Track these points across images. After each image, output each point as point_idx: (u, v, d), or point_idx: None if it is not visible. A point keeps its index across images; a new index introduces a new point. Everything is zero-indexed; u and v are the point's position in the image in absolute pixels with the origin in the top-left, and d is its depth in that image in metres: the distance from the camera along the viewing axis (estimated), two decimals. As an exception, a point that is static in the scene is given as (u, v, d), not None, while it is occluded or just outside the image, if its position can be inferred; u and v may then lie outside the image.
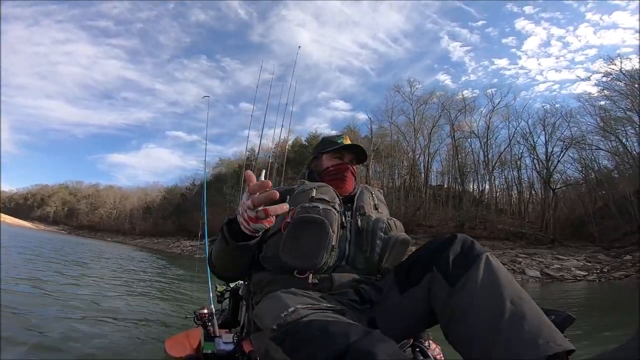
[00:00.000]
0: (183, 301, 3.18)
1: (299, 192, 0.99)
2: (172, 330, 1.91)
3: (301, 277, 0.87)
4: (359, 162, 1.20)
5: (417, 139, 24.22)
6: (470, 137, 24.00)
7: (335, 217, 0.91)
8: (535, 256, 12.96)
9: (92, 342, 1.56)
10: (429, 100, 24.07)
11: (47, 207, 63.64)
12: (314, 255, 0.86)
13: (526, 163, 23.25)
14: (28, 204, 66.66)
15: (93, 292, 3.14)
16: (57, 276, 3.86)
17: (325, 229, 0.87)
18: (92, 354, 1.43)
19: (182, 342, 1.28)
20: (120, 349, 1.54)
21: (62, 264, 5.44)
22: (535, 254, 13.43)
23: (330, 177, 1.11)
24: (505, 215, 21.21)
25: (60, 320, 1.89)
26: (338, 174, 1.10)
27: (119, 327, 1.91)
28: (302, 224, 0.88)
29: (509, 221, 19.77)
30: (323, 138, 1.25)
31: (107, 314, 2.19)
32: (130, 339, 1.71)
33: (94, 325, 1.86)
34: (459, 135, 24.05)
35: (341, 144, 1.14)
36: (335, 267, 0.91)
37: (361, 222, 0.96)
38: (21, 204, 66.48)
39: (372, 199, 1.05)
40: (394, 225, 0.97)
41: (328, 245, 0.87)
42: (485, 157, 23.17)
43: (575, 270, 10.81)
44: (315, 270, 0.87)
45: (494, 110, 23.53)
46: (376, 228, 0.94)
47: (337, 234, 0.90)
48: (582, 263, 12.36)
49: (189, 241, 31.15)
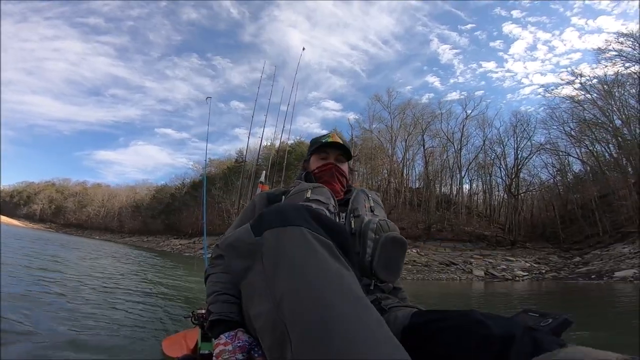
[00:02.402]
0: (180, 301, 3.16)
1: (294, 193, 0.99)
2: (169, 330, 1.87)
3: None
4: (348, 158, 1.19)
5: (395, 145, 25.86)
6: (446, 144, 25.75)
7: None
8: (489, 257, 14.56)
9: (85, 341, 1.53)
10: (406, 109, 25.69)
11: (33, 204, 63.15)
12: None
13: (497, 168, 25.18)
14: (14, 201, 65.90)
15: (86, 289, 3.08)
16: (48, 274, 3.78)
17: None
18: (86, 354, 1.39)
19: (179, 342, 1.26)
20: (116, 349, 1.50)
21: (54, 262, 5.40)
22: (489, 255, 15.04)
23: (319, 178, 1.12)
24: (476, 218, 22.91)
25: (52, 319, 1.84)
26: (324, 175, 1.11)
27: (114, 326, 1.86)
28: None
29: (477, 224, 21.45)
30: (312, 139, 1.25)
31: (103, 312, 2.16)
32: (127, 338, 1.66)
33: (87, 324, 1.82)
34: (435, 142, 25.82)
35: (325, 142, 1.15)
36: None
37: (355, 224, 0.96)
38: (7, 202, 65.65)
39: (367, 202, 1.05)
40: (387, 226, 0.94)
41: None
42: (458, 162, 24.94)
43: (518, 270, 12.39)
44: None
45: (467, 118, 25.31)
46: (367, 229, 0.92)
47: None
48: (530, 264, 13.99)
49: (178, 240, 32.15)
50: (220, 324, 0.80)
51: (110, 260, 7.78)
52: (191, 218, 32.74)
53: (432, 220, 18.78)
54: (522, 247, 18.28)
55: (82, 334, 1.63)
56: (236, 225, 1.01)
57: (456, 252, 15.59)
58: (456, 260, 13.49)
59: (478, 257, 14.57)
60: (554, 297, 6.47)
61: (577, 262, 13.81)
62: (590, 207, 18.43)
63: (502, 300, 5.78)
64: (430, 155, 24.96)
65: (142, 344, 1.57)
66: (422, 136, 24.29)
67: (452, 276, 11.58)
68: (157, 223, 40.10)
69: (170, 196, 41.68)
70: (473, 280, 11.09)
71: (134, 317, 2.15)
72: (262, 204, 1.03)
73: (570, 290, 7.73)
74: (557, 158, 23.03)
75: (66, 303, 2.34)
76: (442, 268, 11.97)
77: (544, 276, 11.51)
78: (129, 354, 1.44)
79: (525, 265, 13.64)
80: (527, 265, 13.71)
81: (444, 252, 15.20)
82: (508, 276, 11.59)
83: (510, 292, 7.45)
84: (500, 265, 13.23)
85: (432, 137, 25.86)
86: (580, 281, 9.82)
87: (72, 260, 6.25)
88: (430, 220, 18.73)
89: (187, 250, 25.41)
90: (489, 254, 15.41)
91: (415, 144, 25.70)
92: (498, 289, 8.38)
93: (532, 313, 0.66)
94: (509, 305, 5.18)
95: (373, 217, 0.98)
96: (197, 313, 1.17)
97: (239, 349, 0.71)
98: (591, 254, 14.42)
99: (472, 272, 11.97)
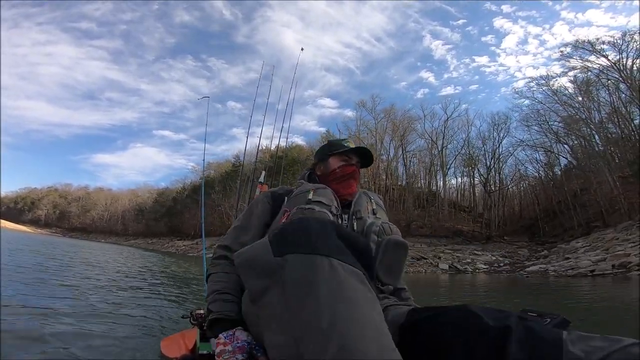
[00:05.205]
0: (179, 301, 3.16)
1: (297, 194, 1.00)
2: (168, 330, 1.88)
3: None
4: (363, 165, 1.21)
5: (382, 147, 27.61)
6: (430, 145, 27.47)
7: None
8: (459, 252, 16.34)
9: (83, 341, 1.51)
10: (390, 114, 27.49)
11: (38, 210, 64.91)
12: None
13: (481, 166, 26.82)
14: (18, 207, 67.52)
15: (85, 289, 3.10)
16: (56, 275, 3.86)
17: None
18: (83, 354, 1.36)
19: (177, 342, 1.25)
20: (113, 349, 1.48)
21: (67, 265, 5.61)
22: (459, 250, 16.82)
23: (337, 179, 1.12)
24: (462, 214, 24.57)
25: (53, 319, 1.86)
26: (345, 176, 1.12)
27: (112, 326, 1.87)
28: None
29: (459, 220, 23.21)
30: (329, 141, 1.27)
31: (101, 312, 2.18)
32: (125, 338, 1.65)
33: (85, 323, 1.83)
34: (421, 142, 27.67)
35: (349, 146, 1.15)
36: None
37: (357, 226, 0.97)
38: (11, 208, 67.29)
39: (370, 204, 1.05)
40: (389, 229, 0.95)
41: None
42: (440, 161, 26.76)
43: (480, 264, 14.14)
44: None
45: (447, 120, 27.04)
46: (369, 231, 0.93)
47: None
48: (495, 258, 15.70)
49: (182, 241, 33.84)
50: (219, 322, 0.83)
51: (115, 261, 7.97)
52: (193, 220, 34.36)
53: (411, 218, 20.59)
54: (498, 242, 19.79)
55: (77, 333, 1.64)
56: (239, 225, 1.05)
57: (430, 248, 17.36)
58: (427, 254, 15.18)
59: (449, 252, 16.33)
60: (486, 288, 7.75)
61: (538, 256, 15.40)
62: (572, 202, 19.26)
63: (446, 291, 6.99)
64: (414, 156, 26.87)
65: (140, 344, 1.58)
66: (402, 140, 26.14)
67: (419, 269, 13.19)
68: (161, 225, 41.88)
69: (172, 199, 43.35)
70: (437, 272, 12.85)
71: (133, 316, 2.17)
72: (266, 203, 1.06)
73: (504, 281, 9.42)
74: (543, 153, 24.05)
75: (68, 303, 2.38)
76: (411, 262, 13.62)
77: (500, 269, 13.28)
78: (127, 354, 1.45)
79: (490, 259, 15.35)
80: (492, 259, 15.42)
81: (420, 247, 16.89)
82: (469, 269, 13.36)
83: (459, 283, 8.75)
84: (466, 259, 14.99)
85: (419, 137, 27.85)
86: (516, 274, 11.52)
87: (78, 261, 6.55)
88: (409, 218, 20.53)
89: (191, 250, 26.91)
90: (459, 249, 17.18)
91: (399, 146, 27.53)
92: (453, 281, 9.72)
93: (531, 313, 0.66)
94: (455, 294, 6.16)
95: (375, 219, 0.99)
96: (196, 313, 1.20)
97: (239, 350, 0.72)
98: (557, 247, 15.58)
99: (437, 266, 13.74)
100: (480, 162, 26.13)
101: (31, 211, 65.63)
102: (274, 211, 1.04)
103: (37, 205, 65.83)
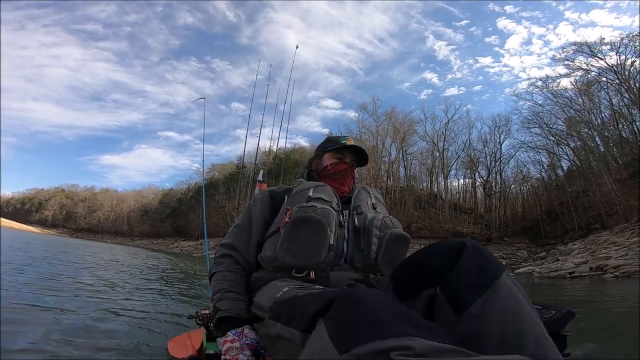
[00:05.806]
0: (185, 301, 3.17)
1: (297, 192, 1.01)
2: (175, 331, 1.86)
3: (299, 276, 0.87)
4: (360, 164, 1.21)
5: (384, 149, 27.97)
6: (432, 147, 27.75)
7: (333, 216, 0.93)
8: (457, 253, 16.44)
9: (90, 341, 1.51)
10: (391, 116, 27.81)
11: (45, 210, 65.67)
12: (313, 254, 0.87)
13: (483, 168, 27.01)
14: (25, 208, 68.38)
15: (94, 289, 3.13)
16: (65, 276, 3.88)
17: (323, 228, 0.88)
18: (91, 354, 1.37)
19: (184, 342, 1.26)
20: (121, 349, 1.47)
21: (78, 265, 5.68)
22: (458, 251, 16.90)
23: (329, 176, 1.13)
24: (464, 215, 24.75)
25: (59, 319, 1.85)
26: (336, 174, 1.12)
27: (120, 326, 1.86)
28: (300, 223, 0.89)
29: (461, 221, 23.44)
30: (327, 137, 1.26)
31: (107, 313, 2.19)
32: (132, 339, 1.63)
33: (93, 324, 1.82)
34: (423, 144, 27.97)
35: (344, 144, 1.15)
36: (334, 265, 0.92)
37: (358, 221, 0.97)
38: (19, 208, 68.21)
39: (369, 198, 1.07)
40: (391, 222, 0.97)
41: (326, 244, 0.88)
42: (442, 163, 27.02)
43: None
44: (314, 269, 0.88)
45: (448, 122, 27.30)
46: (372, 226, 0.95)
47: (335, 233, 0.92)
48: (493, 258, 15.81)
49: (187, 242, 34.36)
50: (227, 321, 0.84)
51: (121, 262, 8.15)
52: (198, 221, 34.56)
53: (411, 220, 20.93)
54: (498, 243, 19.92)
55: (85, 333, 1.65)
56: (239, 223, 1.07)
57: (430, 249, 17.48)
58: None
59: (446, 253, 16.46)
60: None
61: (536, 257, 15.54)
62: (574, 204, 19.34)
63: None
64: (415, 158, 27.20)
65: (147, 345, 1.58)
66: (402, 143, 26.47)
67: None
68: (166, 226, 42.37)
69: (177, 200, 43.85)
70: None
71: (140, 317, 2.17)
72: (265, 202, 1.07)
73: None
74: (545, 154, 24.05)
75: (75, 301, 2.39)
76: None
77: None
78: (134, 355, 1.45)
79: (487, 259, 15.51)
80: (489, 259, 15.57)
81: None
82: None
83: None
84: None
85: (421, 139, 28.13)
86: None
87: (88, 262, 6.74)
88: (409, 219, 20.88)
89: (196, 251, 27.31)
90: (458, 250, 17.28)
91: (401, 148, 27.84)
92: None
93: (536, 306, 0.64)
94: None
95: (376, 214, 1.01)
96: (202, 313, 1.21)
97: (247, 346, 0.73)
98: (555, 249, 15.74)
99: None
100: (482, 164, 26.38)
101: (38, 212, 66.42)
102: (273, 209, 1.05)
103: (44, 206, 66.65)
